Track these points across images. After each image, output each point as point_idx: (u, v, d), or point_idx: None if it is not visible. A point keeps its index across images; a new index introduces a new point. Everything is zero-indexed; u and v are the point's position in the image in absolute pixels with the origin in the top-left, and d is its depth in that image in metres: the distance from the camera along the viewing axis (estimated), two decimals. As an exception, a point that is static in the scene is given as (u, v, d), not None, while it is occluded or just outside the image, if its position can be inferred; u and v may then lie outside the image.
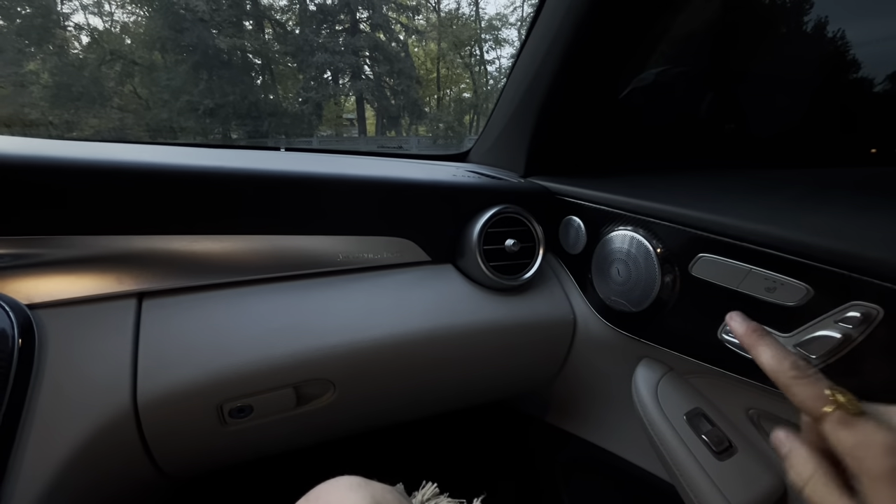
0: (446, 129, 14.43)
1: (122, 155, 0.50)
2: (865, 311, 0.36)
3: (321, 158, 0.83)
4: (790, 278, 0.41)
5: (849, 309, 0.37)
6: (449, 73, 16.03)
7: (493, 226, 0.64)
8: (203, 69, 11.16)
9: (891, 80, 0.72)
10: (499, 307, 0.65)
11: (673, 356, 0.55)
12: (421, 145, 13.30)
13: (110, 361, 0.46)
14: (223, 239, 0.54)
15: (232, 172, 0.53)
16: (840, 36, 0.73)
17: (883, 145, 0.78)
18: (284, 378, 0.53)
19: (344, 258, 0.61)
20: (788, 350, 0.30)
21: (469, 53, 16.11)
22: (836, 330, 0.37)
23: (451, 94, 16.44)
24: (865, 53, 0.72)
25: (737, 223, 0.45)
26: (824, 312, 0.38)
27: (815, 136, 0.83)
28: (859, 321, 0.36)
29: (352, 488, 0.36)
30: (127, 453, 0.48)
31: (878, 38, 0.71)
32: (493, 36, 15.78)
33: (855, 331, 0.36)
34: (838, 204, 0.49)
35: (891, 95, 0.73)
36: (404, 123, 14.78)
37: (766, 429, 0.50)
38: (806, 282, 0.40)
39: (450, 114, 15.71)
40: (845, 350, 0.37)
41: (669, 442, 0.53)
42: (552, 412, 0.83)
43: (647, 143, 0.82)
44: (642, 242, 0.55)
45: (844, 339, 0.37)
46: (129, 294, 0.50)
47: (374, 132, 14.72)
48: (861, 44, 0.71)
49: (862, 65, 0.73)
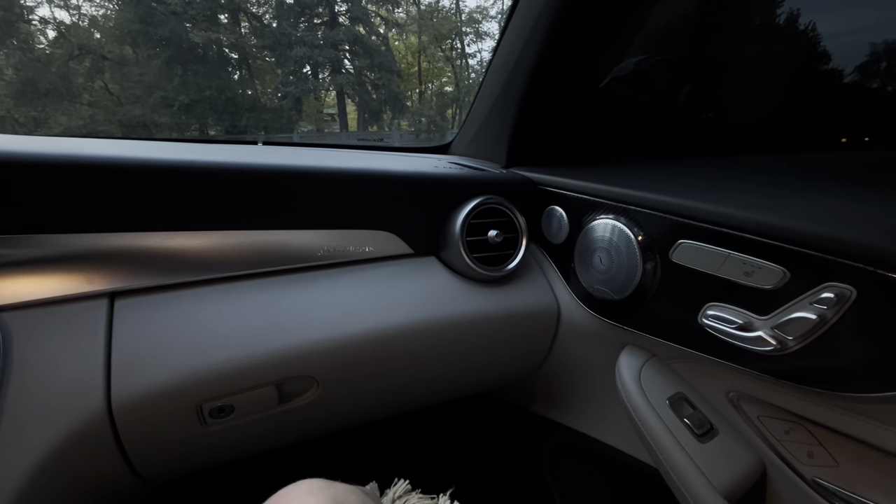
0: (429, 124, 14.36)
1: (90, 150, 0.48)
2: (839, 292, 0.36)
3: (299, 152, 0.81)
4: (767, 262, 0.41)
5: (823, 290, 0.37)
6: (430, 66, 15.93)
7: (475, 217, 0.64)
8: (177, 64, 10.85)
9: (860, 70, 0.74)
10: (483, 298, 0.65)
11: (655, 342, 0.56)
12: (404, 140, 13.20)
13: (82, 363, 0.44)
14: (199, 235, 0.52)
15: (206, 166, 0.51)
16: (812, 28, 0.75)
17: (854, 132, 0.80)
18: (266, 376, 0.52)
19: (325, 252, 0.60)
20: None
21: (450, 47, 16.02)
22: (812, 311, 0.38)
23: (434, 88, 16.35)
24: (836, 45, 0.74)
25: (715, 209, 0.46)
26: (800, 294, 0.39)
27: (790, 124, 0.85)
28: (834, 302, 0.37)
29: (311, 492, 0.36)
30: (102, 458, 0.47)
31: (848, 31, 0.73)
32: (475, 29, 15.71)
33: (829, 311, 0.37)
34: (813, 188, 0.50)
35: (860, 84, 0.75)
36: (386, 118, 14.64)
37: (745, 410, 0.51)
38: (783, 265, 0.40)
39: (432, 108, 15.63)
40: (821, 330, 0.38)
41: (653, 427, 0.54)
42: (537, 402, 0.84)
43: (628, 132, 0.82)
44: (623, 230, 0.55)
45: (820, 319, 0.38)
46: (99, 294, 0.48)
47: (356, 127, 14.56)
48: (832, 35, 0.73)
49: (833, 56, 0.75)
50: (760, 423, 0.49)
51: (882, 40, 0.67)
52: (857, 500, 0.42)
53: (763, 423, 0.49)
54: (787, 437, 0.47)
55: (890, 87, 0.72)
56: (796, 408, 0.46)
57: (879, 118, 0.74)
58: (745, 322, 0.43)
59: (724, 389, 0.53)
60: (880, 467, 0.41)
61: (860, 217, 0.39)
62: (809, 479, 0.46)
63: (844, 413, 0.41)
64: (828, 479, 0.44)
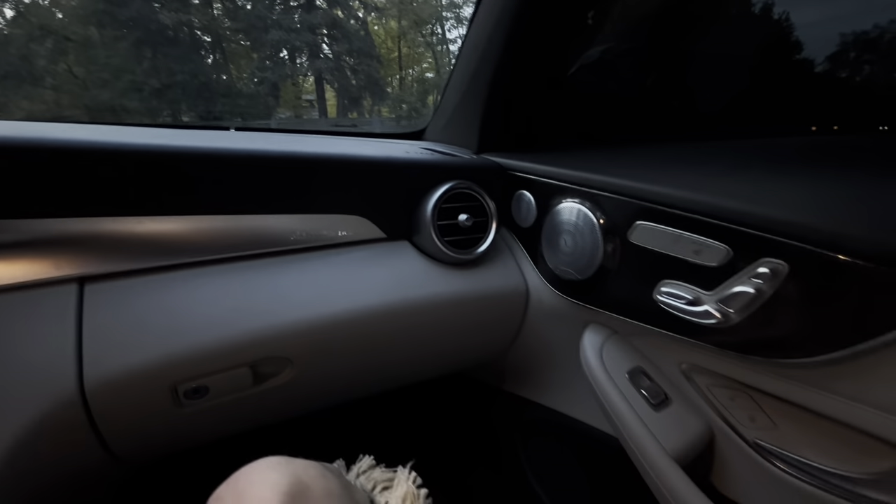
0: (410, 110, 14.18)
1: (56, 134, 0.48)
2: (773, 267, 0.40)
3: (272, 137, 0.81)
4: (713, 240, 0.44)
5: (760, 265, 0.40)
6: (411, 52, 15.68)
7: (446, 201, 0.65)
8: (146, 46, 10.40)
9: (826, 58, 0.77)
10: (454, 281, 0.67)
11: (616, 320, 0.59)
12: (385, 127, 13.04)
13: (51, 348, 0.44)
14: (170, 220, 0.52)
15: (176, 150, 0.51)
16: (782, 17, 0.77)
17: (820, 119, 0.84)
18: (240, 357, 0.53)
19: (297, 237, 0.60)
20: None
21: (430, 32, 15.78)
22: (750, 285, 0.41)
23: (414, 74, 16.12)
24: (801, 35, 0.77)
25: (668, 191, 0.48)
26: (741, 270, 0.42)
27: (753, 110, 0.88)
28: (769, 276, 0.40)
29: (271, 467, 0.36)
30: (78, 440, 0.47)
31: (811, 22, 0.75)
32: (455, 14, 15.50)
33: (765, 285, 0.40)
34: (760, 171, 0.53)
35: (824, 72, 0.78)
36: (367, 105, 14.40)
37: (696, 381, 0.54)
38: (726, 243, 0.43)
39: (413, 94, 15.43)
40: (758, 303, 0.41)
41: (612, 399, 0.57)
42: (509, 380, 0.87)
43: (597, 118, 0.84)
44: (586, 213, 0.57)
45: (757, 293, 0.41)
46: (68, 279, 0.48)
47: (336, 114, 14.28)
48: (801, 26, 0.76)
49: (798, 45, 0.78)
50: (709, 391, 0.53)
51: (847, 30, 0.70)
52: (792, 457, 0.46)
53: (711, 391, 0.53)
54: (732, 403, 0.51)
55: (851, 74, 0.75)
56: (740, 376, 0.49)
57: (842, 105, 0.78)
58: (694, 297, 0.47)
59: (677, 362, 0.56)
60: (813, 428, 0.45)
61: (795, 196, 0.42)
62: (751, 441, 0.50)
63: (782, 379, 0.45)
64: (767, 441, 0.48)
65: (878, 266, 0.34)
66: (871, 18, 0.66)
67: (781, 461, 0.47)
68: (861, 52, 0.71)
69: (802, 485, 0.45)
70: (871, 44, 0.68)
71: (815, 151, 0.64)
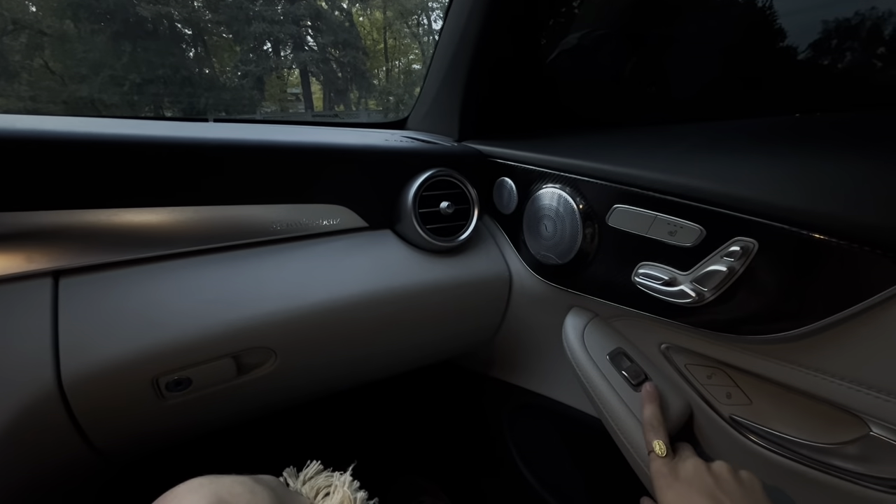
0: (397, 102, 14.04)
1: (27, 125, 0.47)
2: (744, 245, 0.40)
3: (251, 128, 0.80)
4: (687, 221, 0.45)
5: (732, 244, 0.41)
6: (397, 43, 15.51)
7: (427, 189, 0.65)
8: (125, 40, 10.14)
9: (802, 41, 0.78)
10: (437, 268, 0.67)
11: (597, 303, 0.60)
12: (371, 118, 12.90)
13: (25, 342, 0.44)
14: (147, 211, 0.52)
15: (152, 141, 0.50)
16: (762, 5, 0.78)
17: (799, 106, 0.85)
18: (222, 348, 0.53)
19: (279, 227, 0.60)
20: (659, 413, 0.52)
21: (416, 23, 15.62)
22: (723, 264, 0.42)
23: (401, 65, 15.96)
24: (782, 20, 0.77)
25: (643, 174, 0.49)
26: (714, 249, 0.43)
27: (731, 93, 0.89)
28: (740, 254, 0.41)
29: (192, 490, 0.36)
30: (58, 434, 0.47)
31: (789, 11, 0.76)
32: (441, 4, 15.36)
33: (737, 263, 0.41)
34: (729, 151, 0.54)
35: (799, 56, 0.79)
36: (353, 97, 14.24)
37: (674, 360, 0.56)
38: (700, 223, 0.44)
39: (400, 86, 15.28)
40: (730, 281, 0.42)
41: (594, 380, 0.59)
42: (496, 367, 0.88)
43: (576, 104, 0.85)
44: (566, 198, 0.58)
45: (729, 271, 0.42)
46: (41, 273, 0.47)
47: (322, 107, 14.10)
48: (784, 13, 0.76)
49: (770, 30, 0.79)
50: (687, 370, 0.54)
51: (829, 17, 0.70)
52: (767, 431, 0.47)
53: (689, 370, 0.54)
54: (709, 381, 0.52)
55: (832, 59, 0.76)
56: (716, 354, 0.50)
57: (823, 89, 0.79)
58: (670, 278, 0.47)
59: (657, 342, 0.57)
60: (786, 402, 0.46)
61: (764, 176, 0.43)
62: (727, 416, 0.51)
63: (756, 356, 0.46)
64: (743, 416, 0.50)
65: (840, 241, 0.35)
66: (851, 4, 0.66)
67: (756, 435, 0.48)
68: (842, 37, 0.71)
69: (775, 457, 0.46)
70: (852, 29, 0.69)
71: (790, 131, 0.65)
